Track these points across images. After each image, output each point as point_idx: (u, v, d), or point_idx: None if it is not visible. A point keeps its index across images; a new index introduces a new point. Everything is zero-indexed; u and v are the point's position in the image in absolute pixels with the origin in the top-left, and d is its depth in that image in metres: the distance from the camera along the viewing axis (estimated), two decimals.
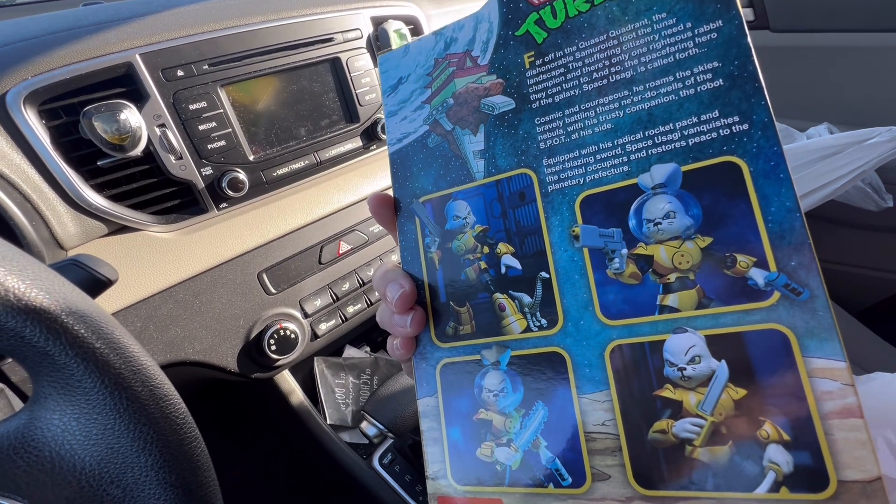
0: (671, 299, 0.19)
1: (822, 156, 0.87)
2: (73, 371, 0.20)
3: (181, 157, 0.50)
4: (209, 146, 0.51)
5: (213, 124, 0.51)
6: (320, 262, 0.59)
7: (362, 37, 0.61)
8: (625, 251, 0.20)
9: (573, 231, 0.21)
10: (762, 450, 0.17)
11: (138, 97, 0.47)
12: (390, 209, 0.27)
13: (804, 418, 0.16)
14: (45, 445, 0.20)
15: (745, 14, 0.90)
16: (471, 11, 0.26)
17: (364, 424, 0.53)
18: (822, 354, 0.17)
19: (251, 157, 0.54)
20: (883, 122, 0.83)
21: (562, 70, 0.22)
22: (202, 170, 0.51)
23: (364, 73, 0.61)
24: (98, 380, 0.21)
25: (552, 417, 0.21)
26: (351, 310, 0.62)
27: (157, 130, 0.48)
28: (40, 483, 0.20)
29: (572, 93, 0.22)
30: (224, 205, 0.54)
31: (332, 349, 0.78)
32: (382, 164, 0.66)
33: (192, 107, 0.49)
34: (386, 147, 0.67)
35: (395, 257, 0.66)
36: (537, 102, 0.23)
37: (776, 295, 0.18)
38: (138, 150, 0.47)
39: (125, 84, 0.46)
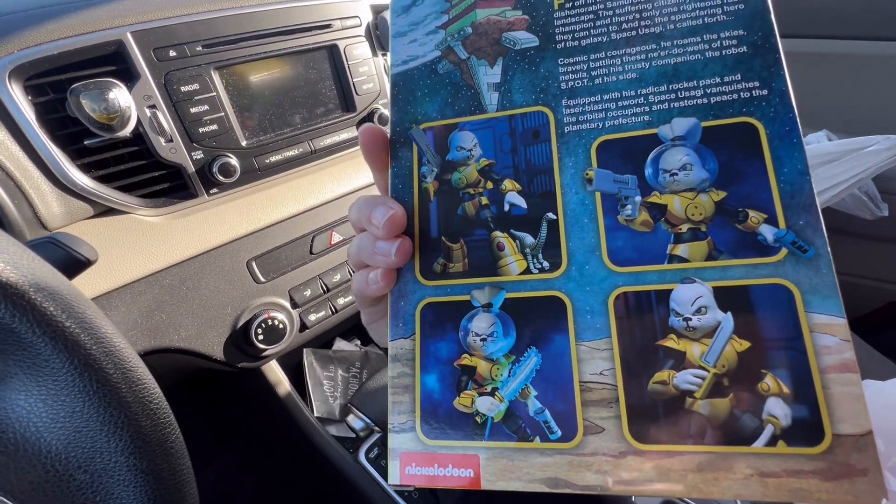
0: (682, 249, 0.20)
1: (820, 162, 0.87)
2: (41, 350, 0.19)
3: (171, 140, 0.49)
4: (201, 130, 0.50)
5: (206, 107, 0.50)
6: (311, 252, 0.58)
7: (361, 25, 0.60)
8: (638, 198, 0.20)
9: (587, 174, 0.21)
10: (762, 403, 0.17)
11: (128, 76, 0.46)
12: (382, 143, 0.25)
13: (804, 371, 0.17)
14: (8, 427, 0.19)
15: None
16: None
17: (350, 418, 0.52)
18: (823, 311, 0.18)
19: (244, 143, 0.53)
20: (881, 131, 0.83)
21: (591, 16, 0.23)
22: (193, 154, 0.50)
23: (362, 61, 0.60)
24: (67, 360, 0.20)
25: (545, 365, 0.20)
26: (341, 301, 0.62)
27: (147, 111, 0.47)
28: (2, 466, 0.19)
29: (600, 39, 0.22)
30: (214, 190, 0.53)
31: (322, 341, 0.78)
32: None
33: (185, 88, 0.48)
34: None
35: None
36: (563, 44, 0.23)
37: (783, 251, 0.19)
38: (127, 131, 0.46)
39: (115, 62, 0.45)
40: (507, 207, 0.22)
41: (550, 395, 0.20)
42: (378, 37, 0.61)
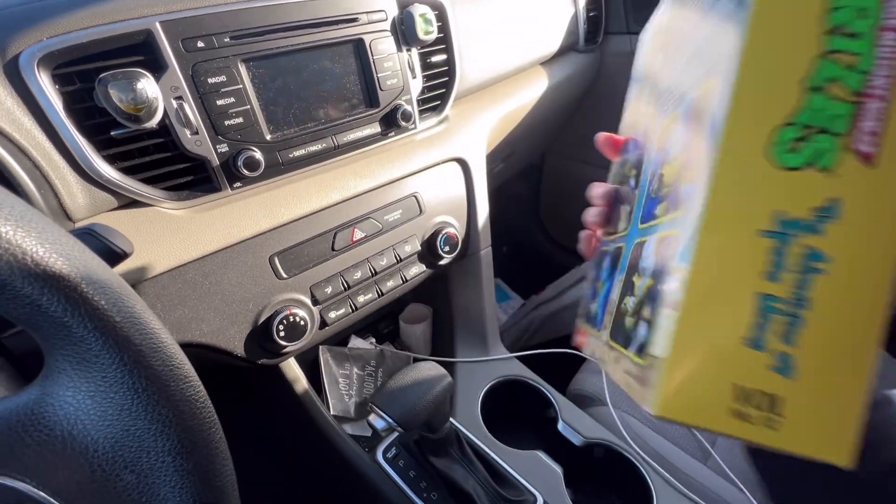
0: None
1: None
2: (91, 345, 0.19)
3: (197, 133, 0.48)
4: (226, 122, 0.49)
5: (232, 100, 0.49)
6: (333, 249, 0.58)
7: (387, 19, 0.59)
8: None
9: None
10: (641, 326, 0.22)
11: (156, 67, 0.45)
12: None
13: (656, 307, 0.20)
14: (56, 424, 0.19)
15: None
16: (494, 0, 0.24)
17: (372, 417, 0.51)
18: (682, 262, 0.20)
19: (268, 137, 0.52)
20: None
21: None
22: (218, 146, 0.50)
23: (387, 56, 0.59)
24: (117, 356, 0.19)
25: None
26: (361, 299, 0.61)
27: (174, 102, 0.46)
28: (50, 464, 0.19)
29: None
30: (238, 184, 0.52)
31: (338, 338, 0.77)
32: (401, 151, 0.64)
33: (211, 80, 0.48)
34: (405, 134, 0.65)
35: (409, 247, 0.65)
36: None
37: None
38: (153, 122, 0.45)
39: (143, 52, 0.45)
40: None
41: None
42: (403, 31, 0.60)
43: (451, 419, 0.57)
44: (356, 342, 0.77)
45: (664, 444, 0.66)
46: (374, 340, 0.79)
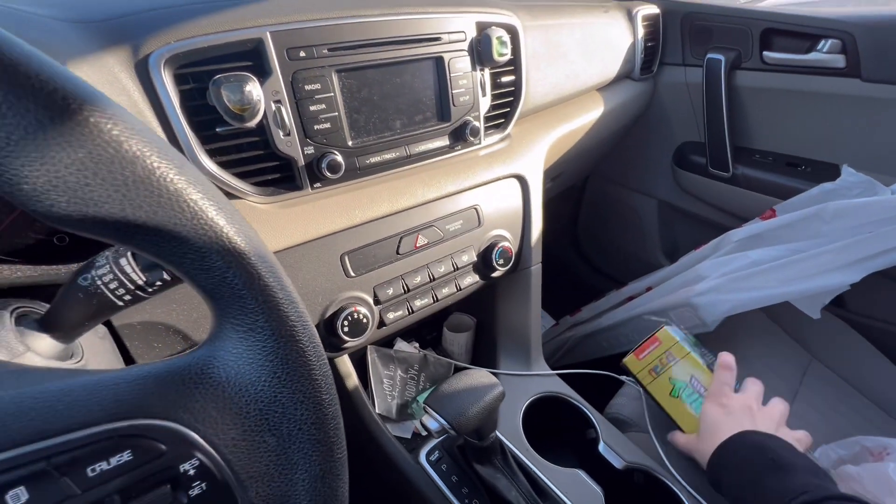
0: None
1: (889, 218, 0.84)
2: (257, 317, 0.21)
3: (289, 134, 0.52)
4: (315, 126, 0.53)
5: (323, 106, 0.53)
6: (398, 253, 0.60)
7: (466, 39, 0.62)
8: None
9: None
10: None
11: (261, 72, 0.49)
12: None
13: None
14: (220, 382, 0.21)
15: (836, 60, 0.88)
16: (561, 27, 0.26)
17: (425, 418, 0.53)
18: None
19: (350, 143, 0.56)
20: None
21: None
22: (305, 148, 0.53)
23: (462, 74, 0.62)
24: (276, 330, 0.22)
25: None
26: (418, 303, 0.63)
27: (273, 105, 0.50)
28: (212, 419, 0.21)
29: None
30: (318, 184, 0.56)
31: (384, 341, 0.79)
32: (465, 164, 0.67)
33: (308, 87, 0.51)
34: (470, 148, 0.68)
35: (466, 257, 0.67)
36: None
37: None
38: (254, 122, 0.49)
39: (252, 59, 0.49)
40: None
41: None
42: (479, 52, 0.63)
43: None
44: (401, 345, 0.79)
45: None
46: (417, 345, 0.81)
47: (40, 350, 0.30)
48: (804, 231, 0.80)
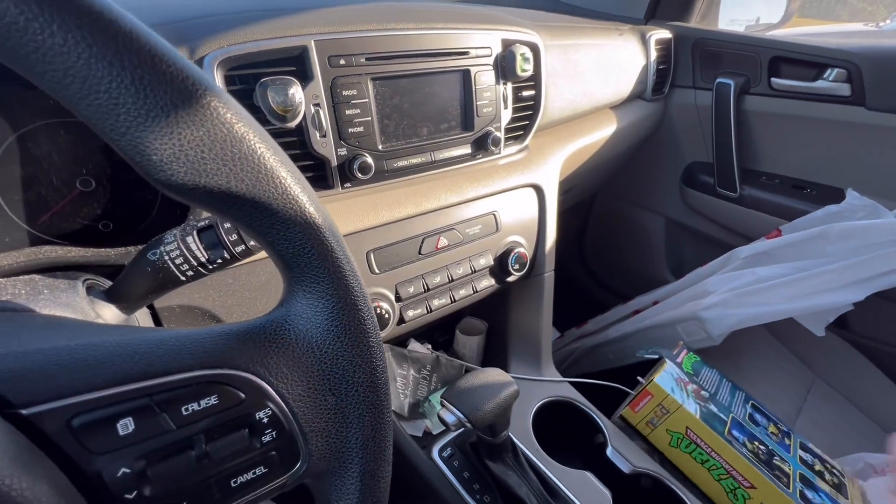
0: None
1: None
2: (327, 287, 0.24)
3: (325, 136, 0.55)
4: (350, 130, 0.56)
5: (358, 111, 0.56)
6: (420, 253, 0.63)
7: (491, 55, 0.66)
8: None
9: None
10: None
11: (304, 77, 0.52)
12: None
13: None
14: (290, 343, 0.24)
15: (842, 89, 0.92)
16: (579, 47, 0.29)
17: (442, 411, 0.55)
18: None
19: (380, 147, 0.59)
20: None
21: None
22: (339, 150, 0.56)
23: (487, 87, 0.66)
24: (342, 299, 0.24)
25: None
26: (436, 302, 0.66)
27: (312, 108, 0.53)
28: (283, 375, 0.23)
29: None
30: (348, 184, 0.59)
31: (397, 340, 0.81)
32: (485, 172, 0.70)
33: (345, 93, 0.55)
34: (490, 157, 0.71)
35: (483, 261, 0.69)
36: None
37: None
38: (293, 123, 0.52)
39: (296, 64, 0.52)
40: None
41: None
42: (504, 67, 0.67)
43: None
44: (415, 346, 0.81)
45: None
46: (430, 347, 0.83)
47: (107, 318, 0.32)
48: (809, 250, 0.83)
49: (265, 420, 0.23)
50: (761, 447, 0.68)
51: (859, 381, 0.92)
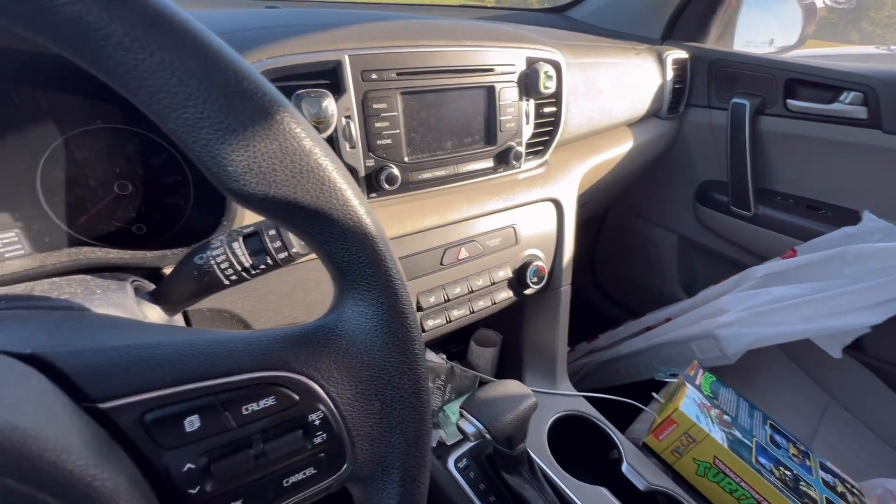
0: None
1: None
2: (377, 294, 0.25)
3: (354, 147, 0.56)
4: (378, 142, 0.57)
5: (387, 124, 0.57)
6: (441, 264, 0.64)
7: (516, 72, 0.67)
8: None
9: None
10: None
11: (336, 90, 0.54)
12: None
13: None
14: (341, 348, 0.24)
15: (858, 112, 0.93)
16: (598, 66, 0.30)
17: (461, 421, 0.55)
18: None
19: (406, 159, 0.60)
20: None
21: None
22: (367, 161, 0.58)
23: (510, 103, 0.67)
24: (391, 307, 0.25)
25: None
26: (455, 313, 0.66)
27: (344, 120, 0.55)
28: (335, 379, 0.24)
29: None
30: (374, 195, 0.60)
31: None
32: (506, 186, 0.71)
33: (375, 106, 0.56)
34: (511, 171, 0.73)
35: (502, 273, 0.70)
36: None
37: None
38: (325, 134, 0.53)
39: (329, 77, 0.54)
40: None
41: None
42: (527, 84, 0.68)
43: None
44: (430, 356, 0.81)
45: None
46: (444, 357, 0.83)
47: (152, 318, 0.33)
48: (826, 271, 0.83)
49: (317, 422, 0.24)
50: (787, 472, 0.67)
51: (876, 405, 0.91)
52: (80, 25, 0.17)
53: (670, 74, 1.05)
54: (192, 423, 0.20)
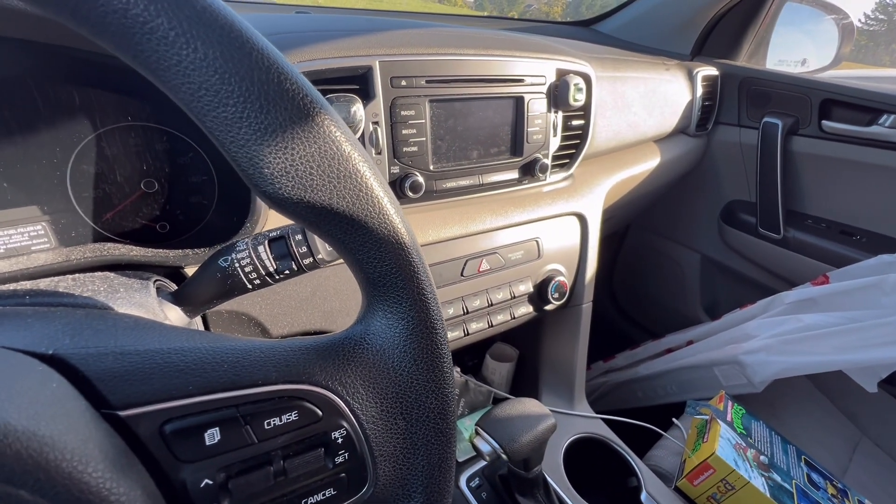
0: None
1: None
2: (407, 309, 0.23)
3: (380, 153, 0.56)
4: (404, 149, 0.57)
5: (414, 131, 0.57)
6: (461, 275, 0.63)
7: (545, 83, 0.66)
8: None
9: None
10: None
11: (365, 95, 0.54)
12: None
13: None
14: (367, 362, 0.23)
15: (891, 135, 0.89)
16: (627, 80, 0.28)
17: (477, 439, 0.53)
18: None
19: (431, 167, 0.59)
20: None
21: None
22: (392, 168, 0.57)
23: (538, 115, 0.66)
24: (422, 322, 0.24)
25: None
26: (474, 326, 0.65)
27: (371, 126, 0.54)
28: (360, 395, 0.23)
29: None
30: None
31: None
32: (531, 198, 0.70)
33: (403, 113, 0.56)
34: (536, 183, 0.71)
35: (523, 287, 0.69)
36: None
37: None
38: None
39: (359, 83, 0.53)
40: None
41: None
42: (556, 96, 0.67)
43: None
44: None
45: None
46: (459, 370, 0.82)
47: (173, 319, 0.33)
48: (862, 300, 0.79)
49: (339, 440, 0.22)
50: None
51: None
52: (126, 18, 0.16)
53: (700, 91, 1.03)
54: (212, 436, 0.19)
